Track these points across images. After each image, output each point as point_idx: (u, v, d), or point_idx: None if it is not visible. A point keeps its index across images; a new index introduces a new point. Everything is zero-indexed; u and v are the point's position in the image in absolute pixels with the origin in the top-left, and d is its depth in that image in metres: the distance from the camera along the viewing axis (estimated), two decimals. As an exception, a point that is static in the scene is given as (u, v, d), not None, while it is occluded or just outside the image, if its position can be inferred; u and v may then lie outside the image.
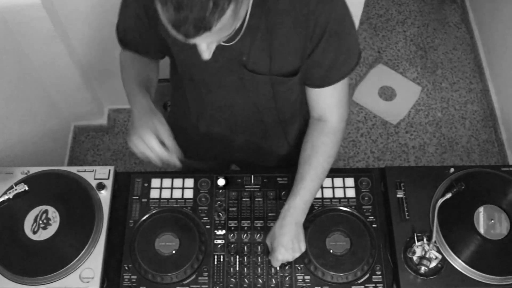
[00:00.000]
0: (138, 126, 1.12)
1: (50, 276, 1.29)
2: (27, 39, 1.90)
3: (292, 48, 1.10)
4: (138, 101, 1.19)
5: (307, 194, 1.24)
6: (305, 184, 1.23)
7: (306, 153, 1.25)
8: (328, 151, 1.25)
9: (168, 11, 0.84)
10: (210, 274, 1.31)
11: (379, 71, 2.83)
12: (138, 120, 1.14)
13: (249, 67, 1.14)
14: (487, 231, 1.34)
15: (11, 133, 1.94)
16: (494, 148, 2.62)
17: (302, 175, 1.24)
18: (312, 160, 1.24)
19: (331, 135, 1.25)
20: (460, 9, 3.05)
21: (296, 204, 1.23)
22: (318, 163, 1.24)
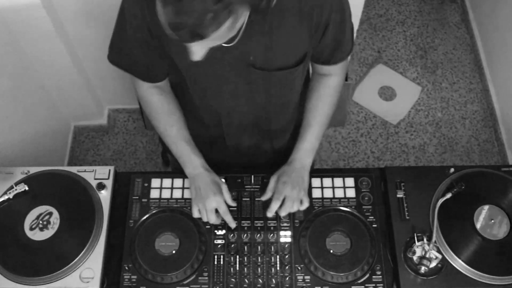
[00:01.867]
0: (211, 192, 1.31)
1: (50, 276, 1.29)
2: (27, 39, 1.90)
3: (298, 40, 1.15)
4: (195, 164, 1.33)
5: (314, 139, 1.35)
6: (312, 130, 1.34)
7: (312, 102, 1.35)
8: (332, 100, 1.36)
9: (168, 13, 0.85)
10: (210, 274, 1.31)
11: (379, 71, 2.83)
12: (207, 187, 1.31)
13: (258, 66, 1.15)
14: (487, 231, 1.34)
15: (11, 133, 1.94)
16: (494, 148, 2.62)
17: (309, 122, 1.34)
18: (318, 108, 1.34)
19: (335, 87, 1.35)
20: (460, 9, 3.05)
21: (305, 147, 1.34)
22: (324, 111, 1.35)
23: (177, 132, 1.33)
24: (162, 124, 1.34)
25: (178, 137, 1.33)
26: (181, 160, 1.35)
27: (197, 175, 1.33)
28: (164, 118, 1.33)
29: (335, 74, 1.34)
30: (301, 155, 1.34)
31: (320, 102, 1.34)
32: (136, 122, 2.63)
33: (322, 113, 1.35)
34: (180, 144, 1.33)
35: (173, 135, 1.34)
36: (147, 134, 2.60)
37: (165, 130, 1.34)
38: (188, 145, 1.34)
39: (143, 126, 2.61)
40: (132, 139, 2.60)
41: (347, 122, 2.66)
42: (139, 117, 2.60)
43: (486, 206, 1.36)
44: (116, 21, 1.20)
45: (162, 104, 1.32)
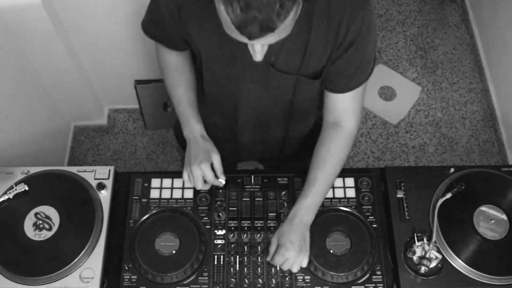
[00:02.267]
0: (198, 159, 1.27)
1: (50, 276, 1.29)
2: (27, 39, 1.90)
3: (321, 52, 1.13)
4: (192, 128, 1.32)
5: (318, 197, 1.26)
6: (317, 186, 1.25)
7: (320, 155, 1.27)
8: (342, 156, 1.28)
9: (234, 12, 0.85)
10: (210, 274, 1.31)
11: (379, 71, 2.83)
12: (196, 151, 1.28)
13: (277, 67, 1.15)
14: (487, 231, 1.34)
15: (11, 133, 1.94)
16: (494, 148, 2.62)
17: (315, 177, 1.26)
18: (326, 163, 1.26)
19: (346, 140, 1.28)
20: (460, 9, 3.05)
21: (307, 205, 1.25)
22: (332, 167, 1.27)
23: (183, 92, 1.33)
24: (170, 80, 1.35)
25: (183, 97, 1.33)
26: (181, 121, 1.35)
27: (191, 140, 1.31)
28: (174, 75, 1.34)
29: (348, 118, 1.27)
30: (302, 212, 1.24)
31: (329, 157, 1.27)
32: (136, 122, 2.63)
33: (330, 170, 1.27)
34: (183, 105, 1.33)
35: (178, 94, 1.34)
36: (147, 134, 2.60)
37: (172, 87, 1.35)
38: (190, 108, 1.33)
39: (143, 126, 2.61)
40: (132, 139, 2.60)
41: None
42: (139, 117, 2.60)
43: (486, 206, 1.36)
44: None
45: (176, 63, 1.34)
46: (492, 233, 1.33)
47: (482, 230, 1.34)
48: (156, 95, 2.35)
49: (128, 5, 1.89)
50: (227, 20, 0.88)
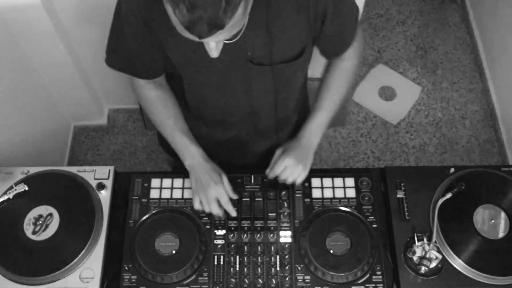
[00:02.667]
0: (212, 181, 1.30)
1: (50, 276, 1.29)
2: (27, 39, 1.90)
3: (295, 33, 1.14)
4: (193, 154, 1.33)
5: (325, 118, 1.34)
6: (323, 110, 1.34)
7: (325, 82, 1.36)
8: (345, 82, 1.36)
9: (181, 12, 0.85)
10: (210, 274, 1.31)
11: (379, 71, 2.83)
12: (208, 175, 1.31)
13: (256, 61, 1.16)
14: (487, 231, 1.33)
15: (11, 133, 1.94)
16: (494, 148, 2.62)
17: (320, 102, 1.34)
18: (331, 89, 1.35)
19: (348, 69, 1.36)
20: (460, 9, 3.05)
21: (313, 127, 1.34)
22: (337, 91, 1.35)
23: (174, 124, 1.33)
24: (158, 117, 1.34)
25: (175, 129, 1.33)
26: (179, 152, 1.35)
27: (196, 165, 1.32)
28: (161, 110, 1.33)
29: (348, 59, 1.34)
30: (309, 133, 1.34)
31: (333, 84, 1.35)
32: (136, 122, 2.63)
33: (334, 95, 1.35)
34: (177, 136, 1.33)
35: (170, 127, 1.34)
36: (147, 134, 2.60)
37: (161, 123, 1.35)
38: (186, 136, 1.33)
39: (143, 126, 2.61)
40: (132, 139, 2.60)
41: (347, 122, 2.66)
42: (139, 117, 2.60)
43: (486, 206, 1.36)
44: (112, 21, 1.20)
45: (158, 98, 1.33)
46: (492, 233, 1.33)
47: (482, 230, 1.34)
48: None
49: (128, 5, 1.89)
50: (176, 21, 0.88)
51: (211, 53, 0.99)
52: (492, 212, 1.36)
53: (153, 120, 1.36)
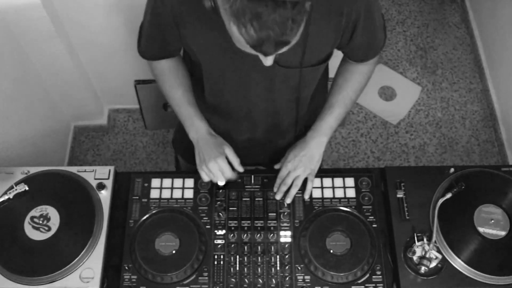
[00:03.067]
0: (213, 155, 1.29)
1: (50, 276, 1.29)
2: (27, 39, 1.90)
3: (325, 39, 1.15)
4: (198, 127, 1.33)
5: (334, 120, 1.36)
6: (332, 110, 1.35)
7: (338, 83, 1.36)
8: (359, 86, 1.37)
9: (248, 33, 0.86)
10: (210, 274, 1.31)
11: (379, 71, 2.83)
12: (208, 148, 1.30)
13: (282, 63, 1.16)
14: (487, 231, 1.34)
15: (11, 133, 1.94)
16: (494, 148, 2.62)
17: (332, 103, 1.36)
18: (342, 90, 1.35)
19: (365, 73, 1.36)
20: (460, 9, 3.05)
21: (322, 127, 1.35)
22: (348, 94, 1.36)
23: (182, 95, 1.34)
24: (168, 85, 1.35)
25: (183, 100, 1.34)
26: (185, 124, 1.35)
27: (199, 138, 1.33)
28: (171, 80, 1.34)
29: (367, 64, 1.35)
30: (318, 133, 1.35)
31: (346, 85, 1.35)
32: (136, 122, 2.63)
33: (346, 96, 1.35)
34: (184, 107, 1.34)
35: (177, 97, 1.34)
36: (147, 134, 2.60)
37: (170, 92, 1.35)
38: (192, 108, 1.34)
39: (143, 126, 2.61)
40: (132, 139, 2.60)
41: (347, 122, 2.66)
42: (139, 117, 2.60)
43: (486, 206, 1.36)
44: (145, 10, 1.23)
45: (169, 68, 1.34)
46: (492, 233, 1.33)
47: (482, 230, 1.34)
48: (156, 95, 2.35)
49: (128, 5, 1.89)
50: (241, 40, 0.88)
51: (266, 62, 0.99)
52: (492, 212, 1.36)
53: (163, 90, 1.37)
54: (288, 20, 0.84)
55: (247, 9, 0.83)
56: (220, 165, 1.30)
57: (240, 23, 0.85)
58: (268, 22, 0.84)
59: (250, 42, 0.88)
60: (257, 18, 0.83)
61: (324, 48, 1.18)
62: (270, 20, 0.83)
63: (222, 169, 1.30)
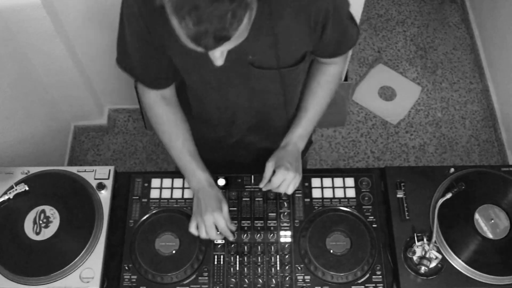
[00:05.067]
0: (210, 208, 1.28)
1: (50, 276, 1.29)
2: (27, 39, 1.90)
3: (297, 38, 1.14)
4: (199, 178, 1.32)
5: (309, 125, 1.36)
6: (308, 115, 1.35)
7: (311, 87, 1.36)
8: (332, 88, 1.37)
9: (187, 26, 0.85)
10: (210, 274, 1.31)
11: (379, 71, 2.83)
12: (208, 201, 1.29)
13: (256, 64, 1.16)
14: (487, 231, 1.34)
15: (11, 133, 1.94)
16: (494, 148, 2.62)
17: (306, 107, 1.36)
18: (316, 94, 1.35)
19: (335, 76, 1.37)
20: (460, 9, 3.05)
21: (300, 133, 1.35)
22: (322, 97, 1.36)
23: (182, 145, 1.33)
24: (167, 135, 1.33)
25: (183, 150, 1.33)
26: (185, 174, 1.35)
27: (200, 189, 1.32)
28: (169, 129, 1.33)
29: (336, 63, 1.34)
30: (295, 139, 1.35)
31: (319, 89, 1.35)
32: (136, 122, 2.63)
33: (319, 100, 1.36)
34: (185, 158, 1.33)
35: (178, 148, 1.33)
36: (147, 134, 2.60)
37: (169, 142, 1.34)
38: (193, 159, 1.33)
39: (143, 126, 2.61)
40: (132, 139, 2.60)
41: (347, 122, 2.66)
42: (139, 117, 2.60)
43: (486, 206, 1.36)
44: (119, 25, 1.19)
45: (167, 115, 1.32)
46: (492, 233, 1.33)
47: (482, 230, 1.34)
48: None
49: (128, 5, 1.89)
50: (182, 33, 0.88)
51: (215, 61, 0.99)
52: (492, 212, 1.36)
53: (161, 137, 1.35)
54: (226, 14, 0.84)
55: (186, 1, 0.83)
56: (216, 218, 1.28)
57: (179, 16, 0.85)
58: (205, 14, 0.83)
59: (189, 36, 0.87)
60: (195, 10, 0.83)
61: (298, 47, 1.18)
62: (208, 12, 0.83)
63: (217, 222, 1.28)
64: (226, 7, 0.83)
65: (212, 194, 1.31)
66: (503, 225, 1.34)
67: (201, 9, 0.82)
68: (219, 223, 1.29)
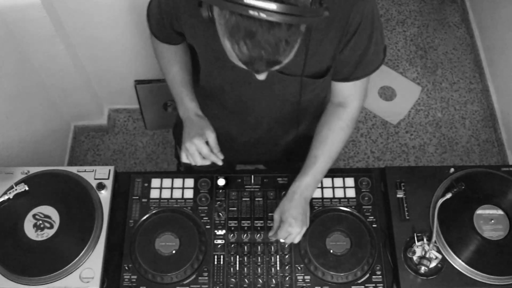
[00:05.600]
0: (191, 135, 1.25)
1: (50, 276, 1.29)
2: (27, 39, 1.90)
3: (325, 50, 1.13)
4: (186, 107, 1.30)
5: (319, 174, 1.29)
6: (318, 164, 1.27)
7: (323, 134, 1.29)
8: (344, 136, 1.30)
9: (241, 50, 0.86)
10: (210, 274, 1.31)
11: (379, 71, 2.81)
12: (190, 129, 1.26)
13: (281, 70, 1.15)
14: (487, 231, 1.34)
15: (11, 133, 1.94)
16: (494, 148, 2.62)
17: (316, 155, 1.28)
18: (327, 142, 1.28)
19: (348, 121, 1.29)
20: (460, 9, 3.05)
21: (307, 182, 1.27)
22: (333, 145, 1.29)
23: (177, 71, 1.33)
24: (165, 60, 1.35)
25: (177, 76, 1.33)
26: (176, 101, 1.35)
27: (186, 118, 1.30)
28: (169, 56, 1.34)
29: (351, 105, 1.28)
30: (302, 189, 1.27)
31: (331, 136, 1.28)
32: (136, 122, 2.63)
33: (331, 148, 1.28)
34: (177, 85, 1.33)
35: (172, 73, 1.34)
36: (147, 134, 2.60)
37: (166, 67, 1.35)
38: (184, 87, 1.33)
39: (143, 126, 2.61)
40: (132, 139, 2.60)
41: (348, 122, 2.66)
42: (139, 117, 2.60)
43: (486, 206, 1.36)
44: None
45: (169, 47, 1.34)
46: (492, 233, 1.33)
47: (482, 230, 1.34)
48: (156, 95, 2.35)
49: (128, 5, 1.89)
50: (233, 55, 0.88)
51: (259, 77, 0.99)
52: (492, 212, 1.36)
53: (161, 65, 1.37)
54: (281, 41, 0.84)
55: (242, 26, 0.83)
56: (197, 144, 1.23)
57: (233, 39, 0.85)
58: (261, 42, 0.83)
59: (242, 59, 0.88)
60: (251, 36, 0.83)
61: (325, 58, 1.16)
62: (264, 40, 0.83)
63: (199, 148, 1.23)
64: (282, 35, 0.83)
65: (196, 122, 1.28)
66: (503, 225, 1.34)
67: (258, 36, 0.83)
68: (200, 148, 1.24)
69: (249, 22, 0.82)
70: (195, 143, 1.24)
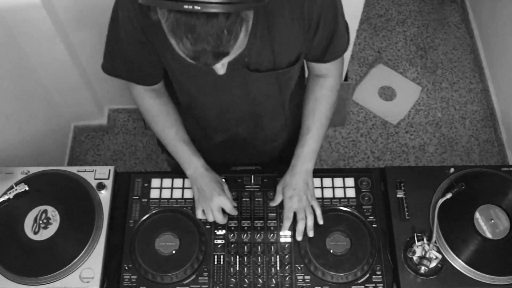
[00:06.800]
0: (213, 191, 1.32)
1: (50, 276, 1.29)
2: (27, 39, 1.90)
3: (292, 39, 1.14)
4: (196, 166, 1.34)
5: (314, 142, 1.33)
6: (311, 133, 1.33)
7: (310, 105, 1.34)
8: (330, 101, 1.34)
9: (185, 46, 0.86)
10: (210, 274, 1.31)
11: (379, 71, 2.83)
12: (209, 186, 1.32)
13: (252, 67, 1.15)
14: (487, 231, 1.34)
15: (11, 133, 1.94)
16: (494, 148, 2.62)
17: (308, 126, 1.33)
18: (316, 111, 1.33)
19: (331, 88, 1.33)
20: (460, 9, 3.05)
21: (304, 153, 1.33)
22: (322, 113, 1.33)
23: (176, 133, 1.33)
24: (160, 126, 1.34)
25: (176, 139, 1.34)
26: (181, 162, 1.35)
27: (198, 176, 1.33)
28: (162, 120, 1.33)
29: (331, 75, 1.32)
30: (302, 160, 1.33)
31: (318, 105, 1.33)
32: (136, 122, 2.63)
33: (321, 116, 1.33)
34: (180, 146, 1.34)
35: (171, 137, 1.34)
36: (147, 134, 2.60)
37: (163, 132, 1.34)
38: (187, 147, 1.34)
39: (143, 126, 2.61)
40: (132, 139, 2.60)
41: (347, 122, 2.66)
42: (139, 117, 2.60)
43: (486, 206, 1.36)
44: (109, 27, 1.19)
45: (158, 107, 1.32)
46: (492, 233, 1.33)
47: (482, 230, 1.34)
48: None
49: (128, 5, 1.89)
50: (181, 52, 0.89)
51: (218, 71, 0.99)
52: (492, 212, 1.36)
53: (154, 129, 1.36)
54: (222, 32, 0.84)
55: (181, 22, 0.83)
56: (222, 201, 1.32)
57: (176, 36, 0.85)
58: (202, 34, 0.83)
59: (189, 55, 0.88)
60: (192, 31, 0.83)
61: (293, 48, 1.17)
62: (204, 32, 0.83)
63: (223, 205, 1.33)
64: (221, 25, 0.83)
65: (212, 178, 1.33)
66: (503, 225, 1.34)
67: (197, 29, 0.83)
68: (226, 205, 1.33)
69: (187, 17, 0.82)
70: (221, 200, 1.32)
